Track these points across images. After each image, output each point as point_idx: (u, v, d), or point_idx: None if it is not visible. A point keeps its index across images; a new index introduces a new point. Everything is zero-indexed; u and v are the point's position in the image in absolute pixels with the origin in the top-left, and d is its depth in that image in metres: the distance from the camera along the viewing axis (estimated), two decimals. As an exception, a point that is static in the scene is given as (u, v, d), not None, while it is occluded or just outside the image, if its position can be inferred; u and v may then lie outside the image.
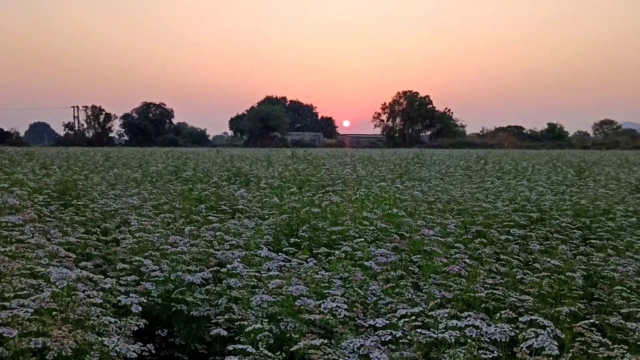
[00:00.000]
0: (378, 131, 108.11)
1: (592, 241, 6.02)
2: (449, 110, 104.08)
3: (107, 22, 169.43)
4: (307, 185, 11.52)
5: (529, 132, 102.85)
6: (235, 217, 7.24)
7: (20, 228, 4.23)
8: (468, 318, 2.77)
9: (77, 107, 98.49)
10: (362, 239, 4.81)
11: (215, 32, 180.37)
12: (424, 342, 2.74)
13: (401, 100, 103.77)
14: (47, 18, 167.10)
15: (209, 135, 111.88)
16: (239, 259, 3.89)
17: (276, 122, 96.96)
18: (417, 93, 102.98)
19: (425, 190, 10.58)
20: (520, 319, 2.91)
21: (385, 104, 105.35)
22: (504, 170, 17.31)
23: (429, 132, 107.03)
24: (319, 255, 4.54)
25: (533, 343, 2.51)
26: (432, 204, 8.46)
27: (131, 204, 7.49)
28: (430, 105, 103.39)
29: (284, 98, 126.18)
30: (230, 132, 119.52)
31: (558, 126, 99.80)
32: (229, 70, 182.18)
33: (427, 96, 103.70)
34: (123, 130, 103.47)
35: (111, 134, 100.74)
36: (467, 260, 4.35)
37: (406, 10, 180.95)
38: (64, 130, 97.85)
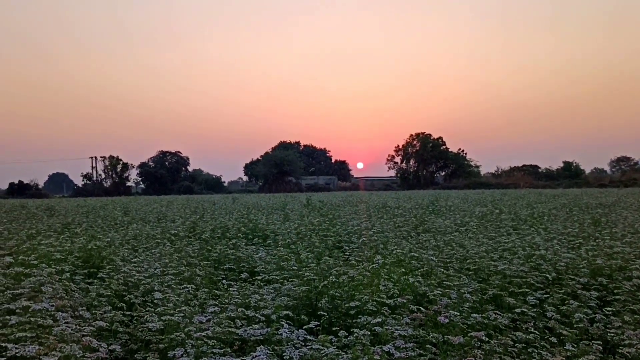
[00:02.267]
0: (392, 173, 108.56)
1: (609, 305, 6.07)
2: (463, 150, 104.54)
3: (122, 70, 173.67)
4: (325, 241, 11.67)
5: (544, 171, 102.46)
6: (255, 282, 7.40)
7: (53, 313, 4.43)
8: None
9: (95, 157, 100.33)
10: (380, 318, 4.93)
11: (228, 79, 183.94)
12: None
13: (414, 142, 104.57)
14: (64, 66, 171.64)
15: (224, 182, 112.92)
16: (261, 349, 4.02)
17: (290, 167, 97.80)
18: (430, 135, 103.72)
19: (441, 245, 10.67)
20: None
21: (398, 146, 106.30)
22: (520, 217, 17.31)
23: (443, 173, 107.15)
24: (339, 334, 4.67)
25: None
26: (448, 264, 8.55)
27: (153, 272, 7.68)
28: (444, 147, 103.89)
29: (297, 143, 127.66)
30: (245, 178, 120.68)
31: (574, 164, 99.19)
32: (243, 116, 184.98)
33: (440, 137, 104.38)
34: (140, 179, 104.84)
35: (128, 183, 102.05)
36: (484, 337, 4.45)
37: (418, 50, 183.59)
38: (82, 180, 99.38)
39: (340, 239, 12.57)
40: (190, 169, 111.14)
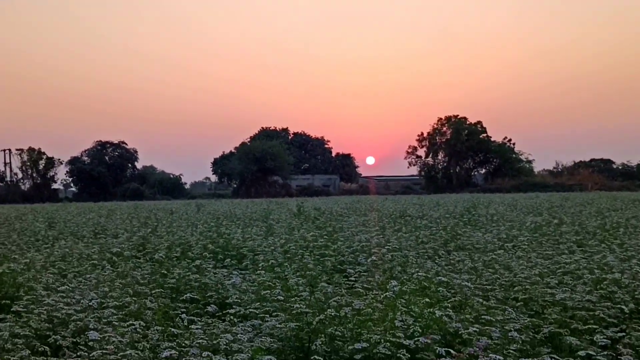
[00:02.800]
0: (414, 171, 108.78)
1: None
2: (510, 140, 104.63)
3: (44, 34, 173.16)
4: (322, 262, 11.71)
5: (620, 168, 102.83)
6: (226, 317, 7.41)
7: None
8: None
9: (9, 150, 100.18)
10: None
11: (189, 43, 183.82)
12: None
13: (444, 128, 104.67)
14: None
15: (185, 183, 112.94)
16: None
17: (276, 163, 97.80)
18: (465, 119, 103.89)
19: (480, 267, 10.71)
20: None
21: (422, 134, 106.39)
22: (587, 230, 17.38)
23: (483, 170, 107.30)
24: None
25: None
26: (489, 292, 8.58)
27: (87, 305, 7.69)
28: (484, 135, 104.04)
29: (285, 130, 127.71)
30: (214, 178, 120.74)
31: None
32: (211, 94, 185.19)
33: (479, 122, 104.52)
34: (70, 179, 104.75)
35: (55, 185, 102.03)
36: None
37: (451, 4, 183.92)
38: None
39: (343, 259, 12.59)
40: (139, 165, 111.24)
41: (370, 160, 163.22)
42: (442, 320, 6.46)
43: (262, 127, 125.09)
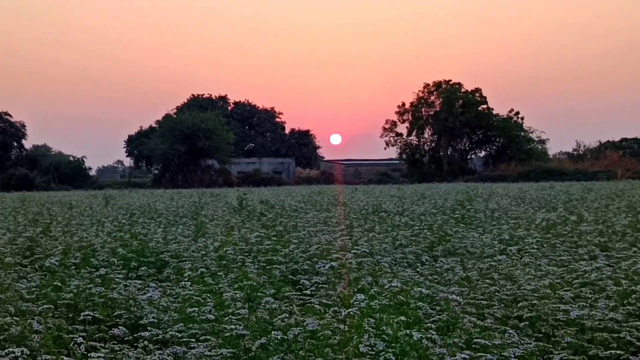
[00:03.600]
0: (393, 153, 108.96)
1: None
2: (517, 114, 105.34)
3: None
4: (268, 271, 11.71)
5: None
6: (139, 343, 7.37)
7: None
8: None
9: None
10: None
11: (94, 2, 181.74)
12: None
13: (432, 98, 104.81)
14: None
15: (89, 169, 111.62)
16: None
17: (211, 142, 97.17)
18: (459, 84, 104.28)
19: (474, 277, 10.80)
20: None
21: (403, 105, 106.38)
22: (614, 230, 17.64)
23: (482, 154, 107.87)
24: None
25: None
26: (485, 308, 8.66)
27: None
28: (484, 107, 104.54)
29: (223, 98, 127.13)
30: (128, 161, 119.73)
31: None
32: (125, 56, 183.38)
33: (478, 90, 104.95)
34: None
35: None
36: None
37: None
38: None
39: (296, 267, 12.62)
40: (27, 145, 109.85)
41: (335, 139, 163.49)
42: (423, 345, 6.49)
43: (193, 95, 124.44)
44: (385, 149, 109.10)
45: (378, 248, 14.67)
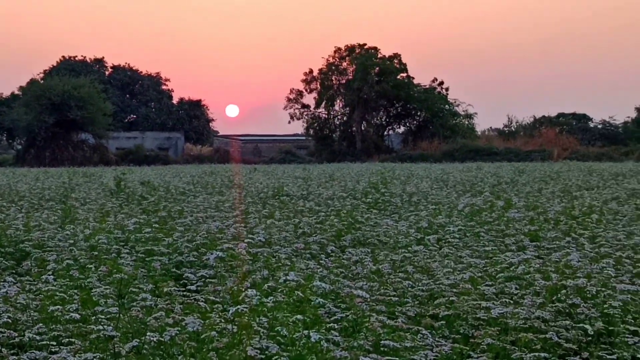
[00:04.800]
0: (299, 127, 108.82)
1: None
2: (441, 84, 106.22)
3: None
4: (147, 264, 11.64)
5: (600, 127, 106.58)
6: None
7: None
8: None
9: None
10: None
11: None
12: None
13: (343, 64, 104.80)
14: None
15: None
16: None
17: (84, 113, 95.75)
18: (376, 49, 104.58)
19: (386, 271, 10.88)
20: None
21: (311, 71, 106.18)
22: (547, 217, 17.99)
23: (401, 129, 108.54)
24: None
25: None
26: (397, 305, 8.74)
27: None
28: (403, 75, 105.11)
29: (99, 61, 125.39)
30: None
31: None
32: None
33: (396, 56, 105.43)
34: None
35: None
36: None
37: None
38: None
39: (181, 258, 12.59)
40: None
41: (232, 111, 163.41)
42: (322, 347, 6.53)
43: (64, 57, 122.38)
44: (289, 122, 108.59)
45: (277, 237, 14.69)
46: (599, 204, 21.31)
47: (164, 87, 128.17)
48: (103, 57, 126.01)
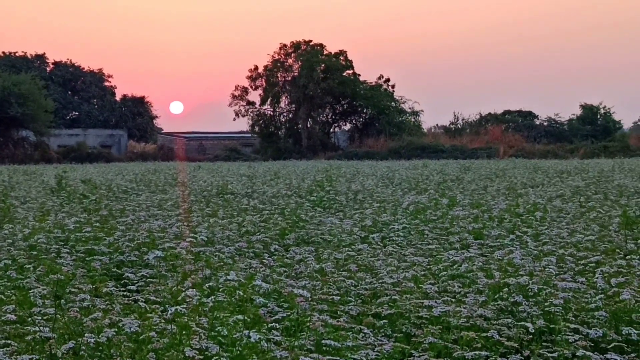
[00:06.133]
0: (244, 124, 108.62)
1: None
2: (387, 81, 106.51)
3: None
4: (87, 263, 11.60)
5: (546, 124, 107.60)
6: None
7: None
8: None
9: None
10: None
11: None
12: None
13: (289, 60, 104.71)
14: None
15: None
16: None
17: (25, 110, 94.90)
18: (322, 46, 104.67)
19: (329, 270, 10.92)
20: None
21: (256, 68, 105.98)
22: (491, 215, 18.13)
23: (347, 127, 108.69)
24: None
25: None
26: (338, 305, 8.77)
27: None
28: (350, 72, 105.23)
29: (41, 57, 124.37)
30: None
31: (602, 111, 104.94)
32: None
33: (342, 53, 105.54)
34: None
35: None
36: None
37: None
38: None
39: (122, 258, 12.54)
40: None
41: (176, 108, 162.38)
42: (262, 347, 6.54)
43: (4, 53, 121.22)
44: (234, 120, 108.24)
45: (220, 236, 14.69)
46: (544, 201, 21.52)
47: (106, 83, 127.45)
48: (44, 53, 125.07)
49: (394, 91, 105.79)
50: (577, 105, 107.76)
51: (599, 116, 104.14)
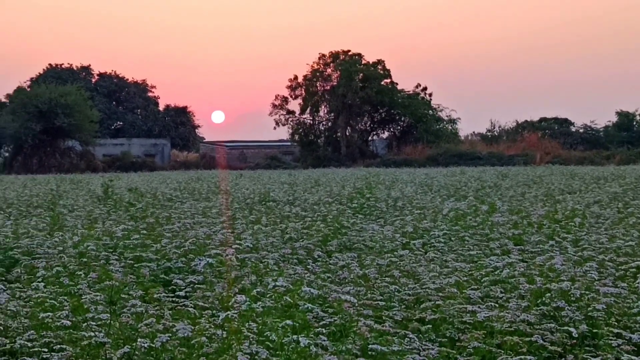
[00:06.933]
0: (284, 133, 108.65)
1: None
2: (424, 89, 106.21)
3: None
4: (135, 270, 11.65)
5: (582, 131, 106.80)
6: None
7: None
8: None
9: None
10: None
11: None
12: None
13: (328, 70, 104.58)
14: None
15: None
16: None
17: (71, 120, 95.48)
18: (360, 55, 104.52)
19: (372, 275, 10.92)
20: None
21: (296, 78, 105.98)
22: (530, 221, 18.05)
23: (385, 135, 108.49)
24: None
25: None
26: (383, 310, 8.77)
27: None
28: (388, 81, 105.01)
29: (86, 69, 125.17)
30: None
31: (638, 117, 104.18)
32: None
33: (380, 62, 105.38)
34: None
35: None
36: None
37: None
38: None
39: (169, 264, 12.61)
40: None
41: (218, 118, 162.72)
42: (311, 352, 6.55)
43: (50, 65, 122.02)
44: (274, 128, 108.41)
45: (264, 242, 14.70)
46: (582, 207, 21.37)
47: (150, 94, 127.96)
48: (89, 65, 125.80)
49: (431, 99, 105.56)
50: (612, 112, 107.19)
51: (634, 123, 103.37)
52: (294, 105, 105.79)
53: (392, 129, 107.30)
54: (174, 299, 9.55)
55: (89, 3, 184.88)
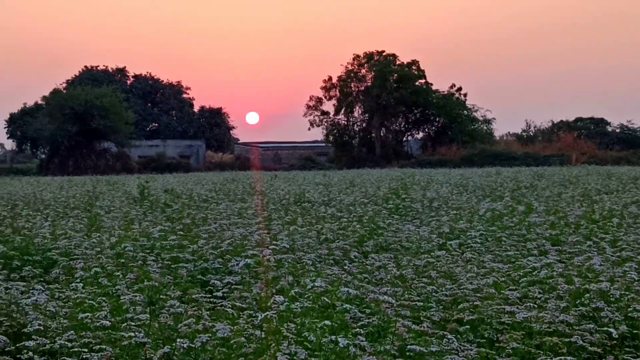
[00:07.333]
0: (318, 134, 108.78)
1: None
2: (459, 90, 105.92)
3: None
4: (173, 271, 11.70)
5: (618, 131, 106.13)
6: (23, 354, 7.29)
7: None
8: None
9: None
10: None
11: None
12: None
13: (362, 71, 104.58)
14: None
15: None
16: None
17: (107, 122, 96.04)
18: (394, 56, 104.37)
19: (409, 276, 10.90)
20: None
21: (330, 79, 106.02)
22: (567, 221, 17.96)
23: (420, 135, 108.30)
24: None
25: None
26: (421, 310, 8.75)
27: None
28: (422, 81, 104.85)
29: (121, 71, 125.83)
30: (9, 144, 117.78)
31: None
32: (3, 20, 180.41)
33: (415, 63, 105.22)
34: None
35: None
36: None
37: None
38: None
39: (206, 265, 12.65)
40: None
41: (252, 119, 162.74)
42: (350, 352, 6.54)
43: (86, 67, 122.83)
44: (309, 129, 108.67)
45: (300, 243, 14.70)
46: (619, 207, 21.24)
47: (184, 95, 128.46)
48: (125, 67, 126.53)
49: (466, 99, 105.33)
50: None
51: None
52: (329, 106, 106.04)
53: (426, 130, 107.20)
54: (211, 299, 9.57)
55: (124, 6, 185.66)
